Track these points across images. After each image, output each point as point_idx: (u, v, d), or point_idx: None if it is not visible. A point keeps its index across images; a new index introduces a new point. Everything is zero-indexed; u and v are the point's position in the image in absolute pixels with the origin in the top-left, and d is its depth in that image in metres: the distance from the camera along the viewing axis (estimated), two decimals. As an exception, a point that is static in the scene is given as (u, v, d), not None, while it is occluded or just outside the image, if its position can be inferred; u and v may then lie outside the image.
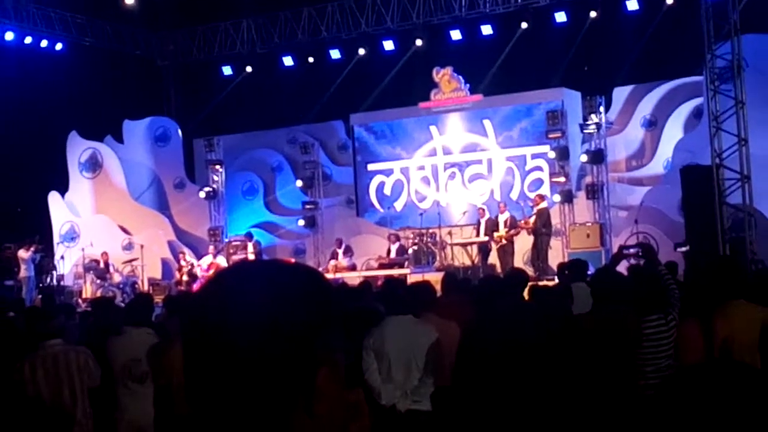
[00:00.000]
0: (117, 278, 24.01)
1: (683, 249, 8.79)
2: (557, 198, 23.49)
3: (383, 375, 7.43)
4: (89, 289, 23.63)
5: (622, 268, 9.33)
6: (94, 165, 27.26)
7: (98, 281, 23.76)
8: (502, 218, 21.52)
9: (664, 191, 22.14)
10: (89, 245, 24.89)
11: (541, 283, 13.19)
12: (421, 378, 7.46)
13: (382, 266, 22.53)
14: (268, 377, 1.42)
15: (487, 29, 25.27)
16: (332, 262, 23.42)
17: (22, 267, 22.85)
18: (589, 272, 11.54)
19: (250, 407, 1.42)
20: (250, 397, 1.42)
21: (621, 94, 24.78)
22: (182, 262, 24.71)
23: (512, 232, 21.19)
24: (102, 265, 24.10)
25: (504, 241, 21.14)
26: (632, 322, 6.65)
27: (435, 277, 14.75)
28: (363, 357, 7.43)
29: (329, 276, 21.60)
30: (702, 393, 1.48)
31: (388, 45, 26.59)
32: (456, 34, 25.65)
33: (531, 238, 21.28)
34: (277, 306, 1.45)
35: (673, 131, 23.99)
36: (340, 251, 23.59)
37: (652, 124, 24.57)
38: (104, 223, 26.55)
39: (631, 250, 9.41)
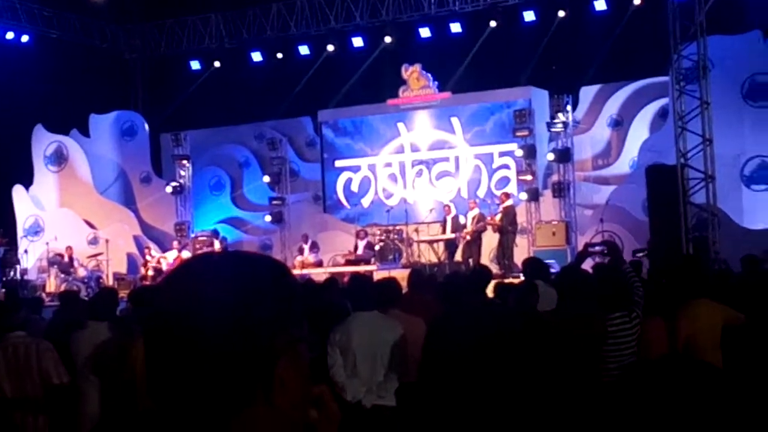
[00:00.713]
0: (82, 272, 23.82)
1: (641, 255, 8.76)
2: (524, 196, 23.58)
3: (348, 370, 7.43)
4: (53, 284, 23.43)
5: (587, 266, 9.38)
6: (59, 158, 27.06)
7: (62, 275, 23.56)
8: (471, 214, 21.57)
9: (630, 190, 22.28)
10: (54, 239, 24.69)
11: (506, 281, 13.25)
12: (386, 374, 7.47)
13: (348, 262, 22.53)
14: (228, 368, 1.42)
15: (456, 27, 25.32)
16: (299, 258, 23.39)
17: None
18: (553, 270, 11.62)
19: (210, 398, 1.42)
20: (210, 388, 1.42)
21: (588, 93, 24.91)
22: (148, 257, 24.58)
23: (478, 226, 21.22)
24: (66, 259, 23.91)
25: (469, 237, 21.18)
26: (597, 320, 6.70)
27: (401, 274, 14.76)
28: (328, 352, 7.44)
29: (296, 272, 21.57)
30: (658, 387, 1.50)
31: (357, 41, 26.58)
32: (425, 32, 25.68)
33: (497, 236, 21.34)
34: (240, 297, 1.44)
35: (639, 131, 24.16)
36: (306, 247, 23.57)
37: (618, 123, 24.72)
38: (69, 217, 26.37)
39: (597, 248, 9.45)
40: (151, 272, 23.67)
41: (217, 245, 24.56)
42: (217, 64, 28.25)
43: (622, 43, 23.77)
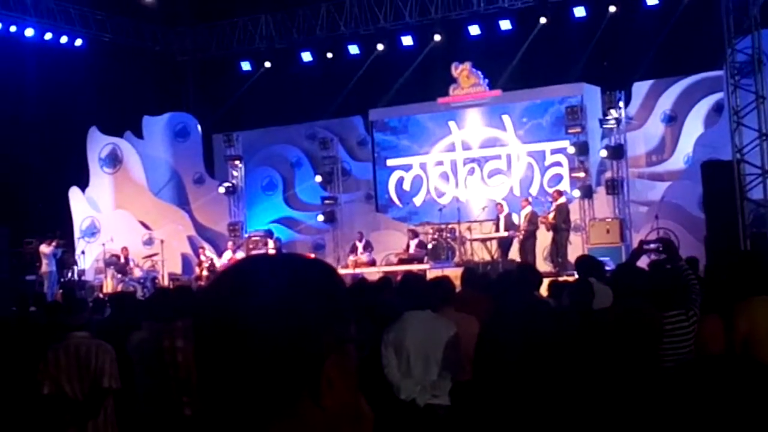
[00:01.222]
0: (137, 273, 24.10)
1: (652, 247, 8.49)
2: (577, 193, 23.42)
3: (403, 370, 7.43)
4: (110, 284, 23.73)
5: (642, 263, 9.29)
6: (114, 160, 27.36)
7: (119, 276, 23.85)
8: (523, 213, 21.49)
9: (685, 186, 22.06)
10: (110, 240, 24.99)
11: (560, 279, 13.17)
12: (440, 372, 7.46)
13: (401, 261, 22.54)
14: (275, 368, 1.43)
15: (505, 24, 25.20)
16: (352, 257, 23.44)
17: (44, 262, 22.99)
18: (607, 268, 11.52)
19: (258, 398, 1.44)
20: (257, 387, 1.44)
21: (641, 89, 24.67)
22: (202, 257, 24.79)
23: (531, 224, 21.09)
24: (122, 260, 24.20)
25: (522, 236, 21.06)
26: (653, 317, 6.62)
27: (454, 273, 14.74)
28: (382, 352, 7.44)
29: (349, 271, 21.63)
30: (711, 386, 1.48)
31: (407, 40, 26.57)
32: (474, 30, 25.60)
33: (551, 234, 21.23)
34: (287, 298, 1.46)
35: (694, 126, 23.88)
36: (360, 245, 23.59)
37: (672, 119, 24.45)
38: (124, 218, 26.66)
39: (652, 245, 9.36)
40: (205, 273, 23.87)
41: (271, 245, 24.69)
42: (267, 64, 28.40)
43: (674, 37, 23.51)
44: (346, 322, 1.51)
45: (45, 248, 22.99)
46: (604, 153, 23.44)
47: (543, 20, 24.68)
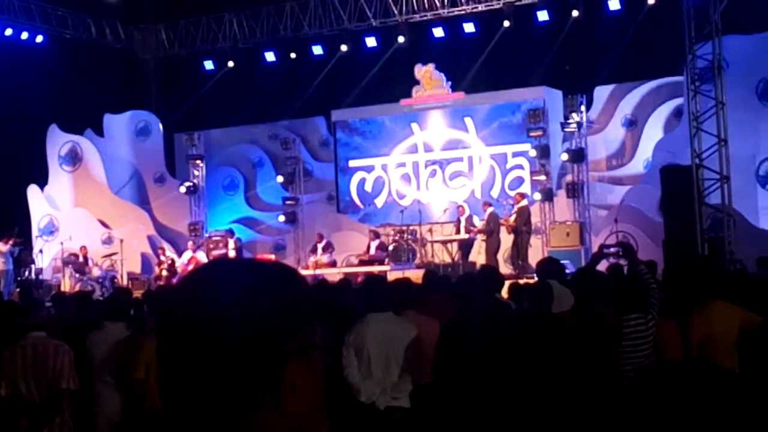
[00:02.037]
0: (96, 272, 23.90)
1: (612, 251, 8.55)
2: (537, 196, 23.55)
3: (363, 372, 7.43)
4: (68, 283, 23.51)
5: (602, 267, 9.35)
6: (74, 158, 27.14)
7: (77, 275, 23.64)
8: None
9: (644, 191, 22.23)
10: (68, 239, 24.76)
11: (521, 281, 13.22)
12: (400, 375, 7.46)
13: (362, 263, 22.53)
14: (237, 371, 1.43)
15: (469, 27, 25.28)
16: (312, 258, 23.39)
17: (0, 260, 22.71)
18: (567, 271, 11.58)
19: (220, 400, 1.44)
20: (219, 390, 1.44)
21: (602, 93, 24.85)
22: (162, 257, 24.63)
23: (486, 226, 21.03)
24: (81, 259, 23.99)
25: (485, 237, 21.07)
26: (613, 321, 6.67)
27: (415, 274, 14.76)
28: (343, 353, 7.44)
29: (309, 272, 21.58)
30: (671, 390, 1.50)
31: (371, 41, 26.58)
32: (438, 32, 25.66)
33: (511, 237, 21.31)
34: (249, 301, 1.46)
35: (654, 131, 24.09)
36: (320, 246, 23.54)
37: (632, 123, 24.65)
38: (84, 217, 26.45)
39: (612, 249, 9.42)
40: (165, 272, 23.72)
41: (231, 245, 24.58)
42: (230, 63, 28.29)
43: (636, 42, 23.70)
44: (310, 327, 1.52)
45: (2, 246, 22.71)
46: (565, 156, 23.58)
47: (506, 24, 24.77)
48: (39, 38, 26.49)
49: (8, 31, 25.55)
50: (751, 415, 1.47)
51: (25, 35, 26.07)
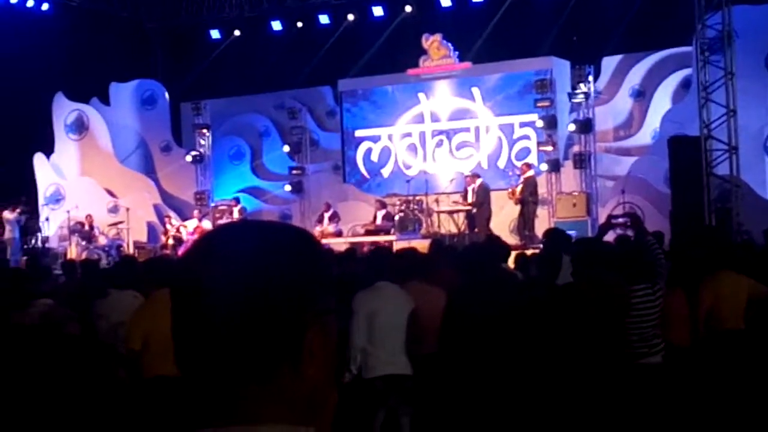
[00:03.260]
0: (102, 241, 23.94)
1: (620, 221, 8.55)
2: (544, 167, 23.49)
3: (375, 339, 7.47)
4: (74, 251, 23.53)
5: (609, 237, 9.33)
6: (80, 127, 27.11)
7: (83, 243, 23.67)
8: (471, 188, 21.41)
9: (652, 162, 22.17)
10: (74, 207, 24.78)
11: (528, 252, 13.21)
12: (402, 344, 7.51)
13: (368, 233, 22.54)
14: (257, 337, 1.40)
15: (477, -4, 25.15)
16: (318, 228, 23.37)
17: (7, 228, 22.77)
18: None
19: (237, 368, 1.41)
20: (237, 358, 1.40)
21: (610, 63, 24.71)
22: (168, 226, 24.66)
23: (477, 198, 20.89)
24: (87, 227, 24.01)
25: (475, 210, 20.99)
26: (621, 291, 6.65)
27: (421, 244, 14.77)
28: (353, 319, 7.47)
29: (315, 241, 21.54)
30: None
31: (377, 11, 26.44)
32: (446, 1, 25.52)
33: (518, 207, 21.28)
34: (267, 264, 1.43)
35: (662, 102, 23.97)
36: (327, 215, 23.52)
37: (640, 94, 24.53)
38: (90, 186, 26.46)
39: (620, 220, 9.41)
40: (171, 241, 23.76)
41: (236, 214, 24.58)
42: (237, 32, 28.18)
43: (644, 13, 23.54)
44: (327, 291, 1.49)
45: (8, 214, 22.76)
46: (572, 127, 23.50)
47: (514, -7, 24.62)
48: (45, 6, 26.38)
49: (14, -1, 25.46)
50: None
51: (30, 2, 25.99)
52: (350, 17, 26.67)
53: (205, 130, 27.75)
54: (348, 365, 7.38)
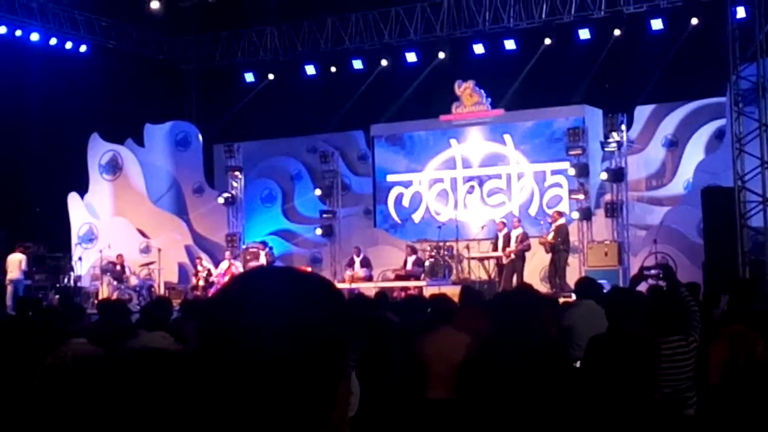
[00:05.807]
0: (133, 281, 24.02)
1: (653, 273, 8.49)
2: (576, 215, 23.40)
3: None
4: (106, 291, 23.65)
5: (642, 288, 9.25)
6: (114, 167, 27.34)
7: (115, 283, 23.78)
8: (515, 233, 21.43)
9: (684, 212, 22.05)
10: (107, 247, 24.91)
11: (560, 300, 13.12)
12: None
13: (398, 278, 22.49)
14: (288, 385, 1.39)
15: (510, 44, 25.21)
16: (348, 272, 23.34)
17: (15, 270, 22.02)
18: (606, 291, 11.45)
19: (268, 415, 1.39)
20: (266, 404, 1.39)
21: (643, 112, 24.69)
22: (199, 267, 24.73)
23: (523, 245, 21.04)
24: (119, 267, 24.12)
25: (513, 256, 21.01)
26: (650, 342, 6.58)
27: (451, 291, 14.71)
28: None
29: (345, 286, 21.57)
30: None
31: (411, 57, 26.59)
32: (479, 48, 25.62)
33: (549, 255, 21.20)
34: (299, 311, 1.42)
35: (695, 152, 23.89)
36: (358, 260, 23.48)
37: (673, 144, 24.47)
38: (122, 226, 26.62)
39: (652, 272, 9.34)
40: (202, 282, 23.82)
41: (262, 257, 24.50)
42: (271, 76, 28.39)
43: (678, 62, 23.55)
44: (355, 341, 1.49)
45: (19, 255, 22.21)
46: (604, 176, 23.43)
47: (548, 41, 24.67)
48: (83, 48, 26.74)
49: (53, 41, 25.81)
50: None
51: (69, 45, 26.33)
52: (384, 63, 26.82)
53: (237, 173, 27.90)
54: None
